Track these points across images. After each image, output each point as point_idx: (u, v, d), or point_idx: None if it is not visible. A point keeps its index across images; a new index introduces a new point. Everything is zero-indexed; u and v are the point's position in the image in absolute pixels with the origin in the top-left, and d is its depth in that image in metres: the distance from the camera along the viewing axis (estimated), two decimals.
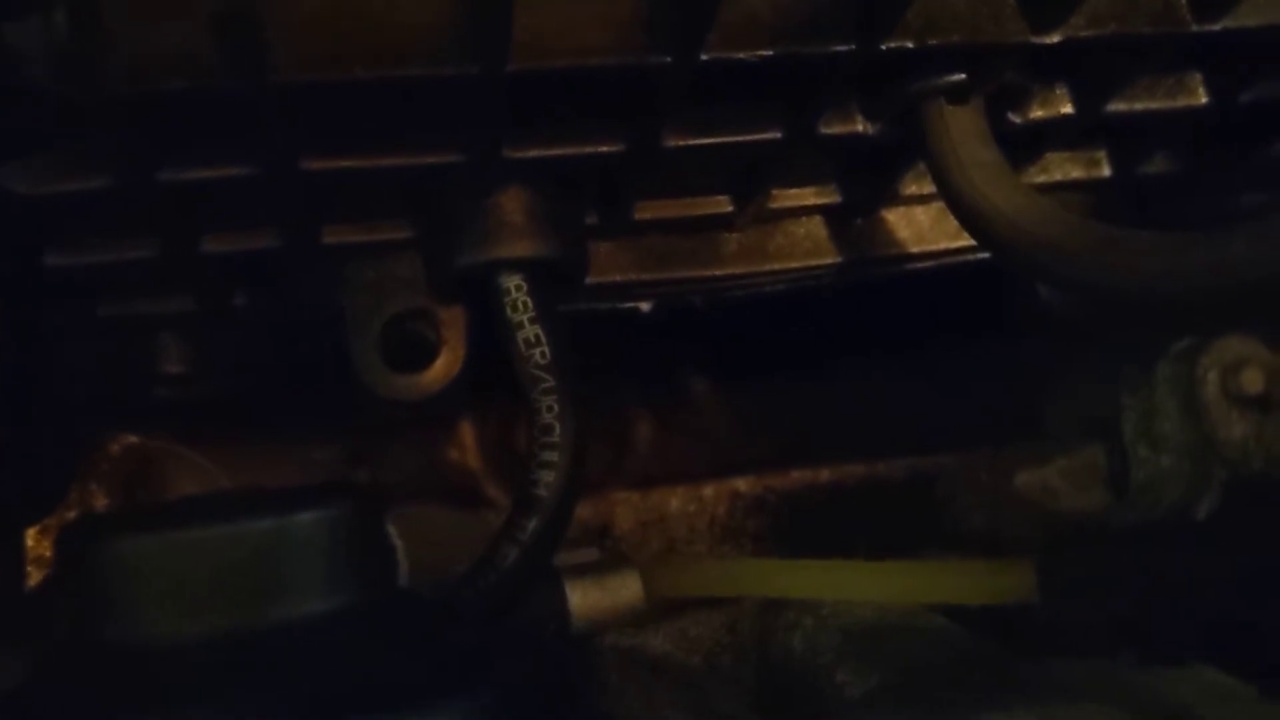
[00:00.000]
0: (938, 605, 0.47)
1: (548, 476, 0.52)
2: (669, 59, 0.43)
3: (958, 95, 0.50)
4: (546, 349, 0.52)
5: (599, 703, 0.46)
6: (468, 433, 0.82)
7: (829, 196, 0.59)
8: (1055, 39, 0.46)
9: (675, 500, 0.65)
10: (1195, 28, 0.47)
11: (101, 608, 0.38)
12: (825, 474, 0.67)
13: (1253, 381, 0.47)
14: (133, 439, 0.62)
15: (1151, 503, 0.49)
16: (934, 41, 0.45)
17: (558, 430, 0.52)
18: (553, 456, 0.52)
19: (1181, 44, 0.48)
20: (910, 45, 0.44)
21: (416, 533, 0.62)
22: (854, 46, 0.44)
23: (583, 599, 0.52)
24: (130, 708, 0.35)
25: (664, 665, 0.47)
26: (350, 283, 0.55)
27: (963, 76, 0.49)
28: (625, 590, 0.52)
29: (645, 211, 0.57)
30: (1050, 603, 0.42)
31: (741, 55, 0.43)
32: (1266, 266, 0.45)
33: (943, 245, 0.61)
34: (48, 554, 0.58)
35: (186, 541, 0.38)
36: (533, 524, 0.51)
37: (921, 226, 0.61)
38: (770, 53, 0.43)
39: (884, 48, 0.44)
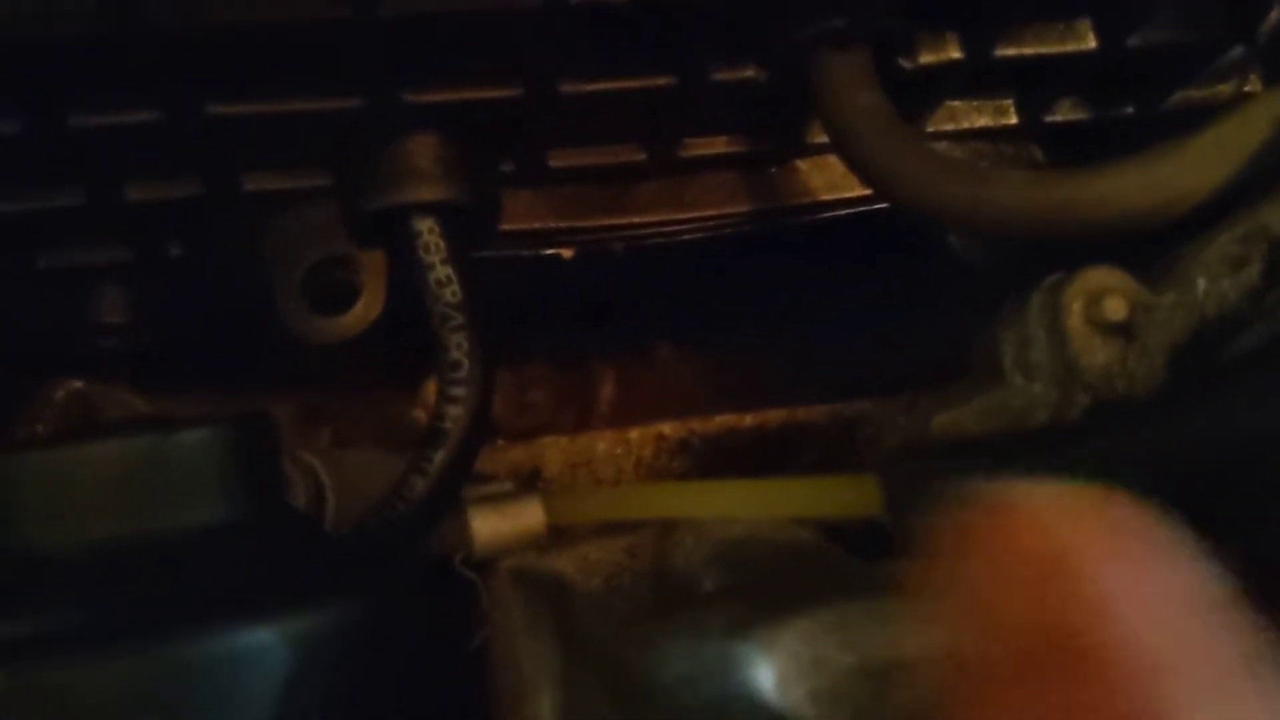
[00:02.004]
0: (808, 521, 0.49)
1: (455, 411, 0.54)
2: (538, 3, 0.45)
3: (841, 41, 0.52)
4: (457, 288, 0.54)
5: (491, 616, 0.48)
6: (430, 392, 0.84)
7: (739, 145, 0.61)
8: None
9: (602, 443, 0.67)
10: None
11: None
12: (748, 419, 0.69)
13: (1115, 310, 0.49)
14: (77, 384, 0.65)
15: (1023, 428, 0.51)
16: None
17: (466, 366, 0.54)
18: (460, 392, 0.54)
19: None
20: None
21: (353, 473, 0.65)
22: None
23: (484, 525, 0.54)
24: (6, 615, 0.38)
25: (555, 581, 0.49)
26: (273, 230, 0.58)
27: (842, 22, 0.51)
28: (526, 516, 0.55)
29: (560, 159, 0.59)
30: (894, 514, 0.45)
31: None
32: (1113, 205, 0.47)
33: (856, 193, 0.63)
34: None
35: (67, 457, 0.40)
36: (439, 456, 0.54)
37: (834, 174, 0.63)
38: None
39: None
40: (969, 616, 0.23)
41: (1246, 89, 0.64)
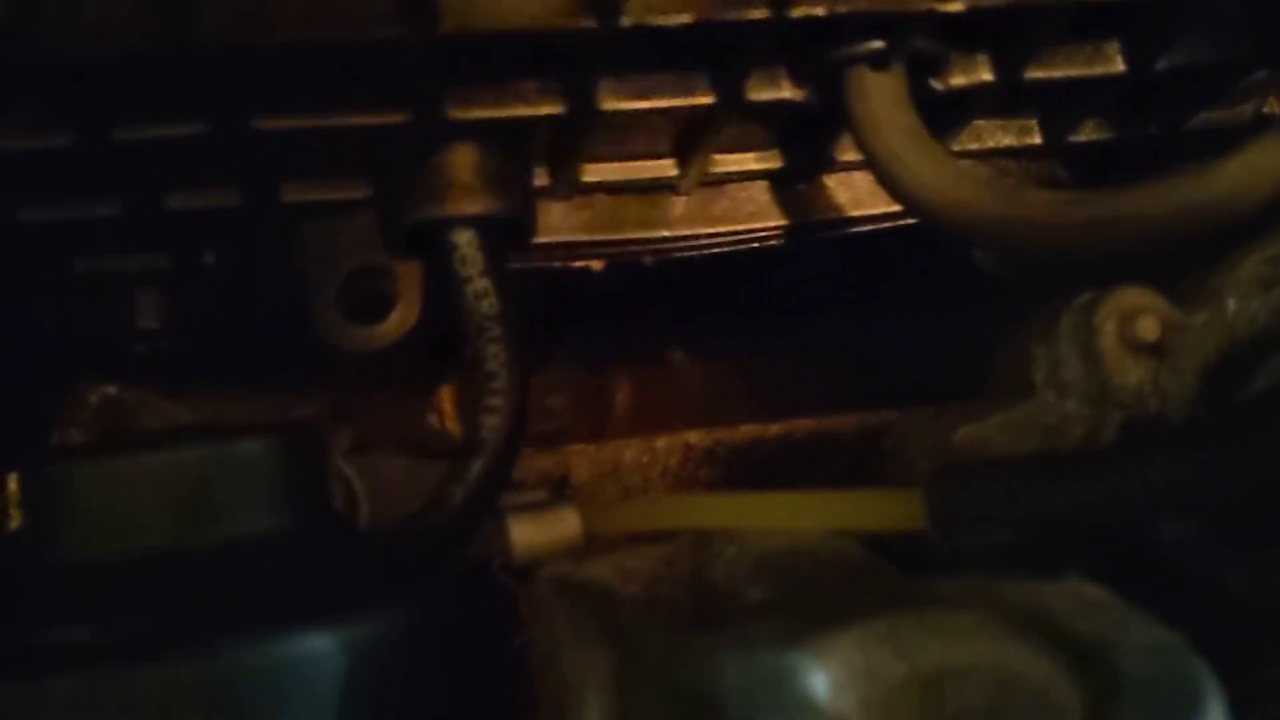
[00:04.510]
0: (849, 533, 0.50)
1: (491, 420, 0.54)
2: (593, 24, 0.46)
3: (878, 62, 0.53)
4: (494, 300, 0.55)
5: (532, 626, 0.49)
6: (448, 396, 0.85)
7: (769, 162, 0.61)
8: (958, 6, 0.48)
9: (629, 452, 0.68)
10: None
11: (48, 529, 0.41)
12: (774, 428, 0.69)
13: (1148, 329, 0.50)
14: (111, 390, 0.65)
15: (1057, 445, 0.52)
16: (842, 9, 0.47)
17: (502, 376, 0.55)
18: (497, 401, 0.55)
19: (1082, 9, 0.50)
20: (820, 12, 0.47)
21: (383, 479, 0.66)
22: (768, 13, 0.47)
23: (523, 533, 0.55)
24: (65, 619, 0.38)
25: (597, 590, 0.50)
26: (310, 239, 0.58)
27: (880, 44, 0.52)
28: (563, 525, 0.56)
29: (594, 174, 0.60)
30: (938, 530, 0.45)
31: (661, 21, 0.46)
32: (1145, 226, 0.48)
33: (880, 210, 0.64)
34: None
35: (125, 466, 0.41)
36: (477, 465, 0.54)
37: (860, 191, 0.64)
38: (689, 19, 0.46)
39: (795, 15, 0.47)
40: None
41: (1265, 110, 0.65)
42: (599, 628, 0.45)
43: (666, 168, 0.60)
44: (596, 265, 0.64)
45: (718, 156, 0.61)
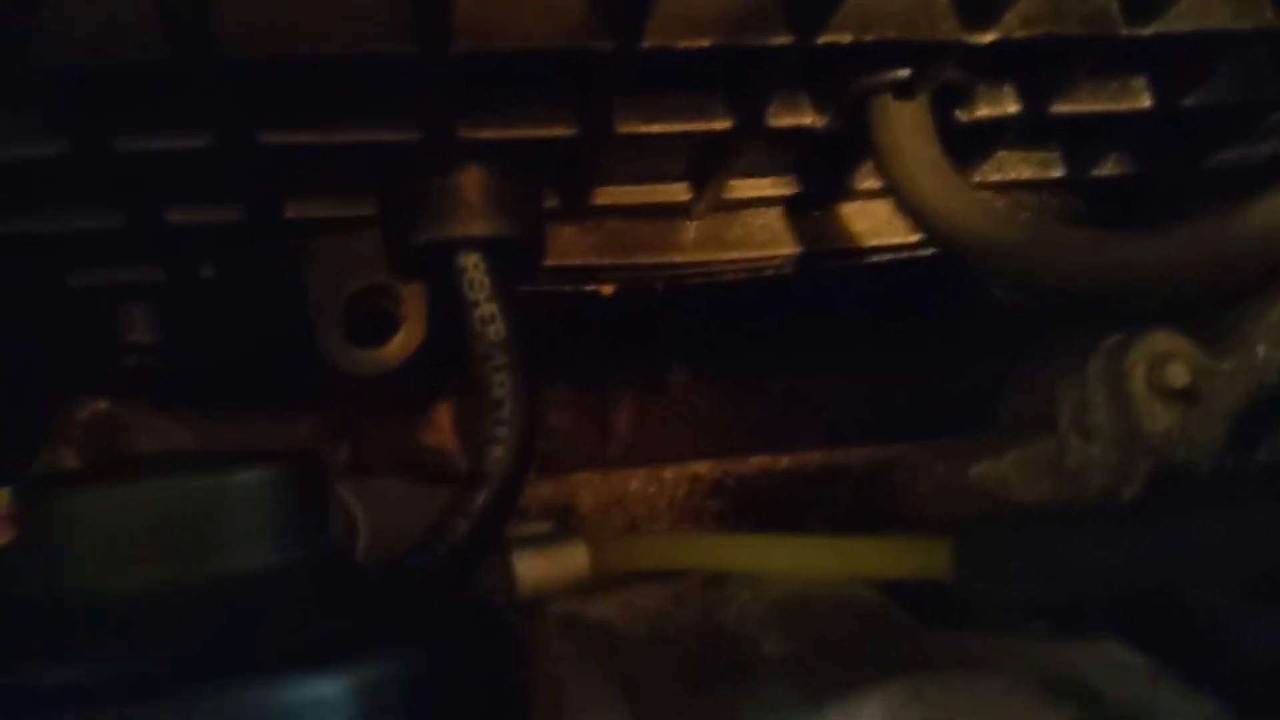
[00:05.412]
0: (866, 580, 0.48)
1: (497, 451, 0.53)
2: (611, 46, 0.45)
3: (903, 92, 0.52)
4: (501, 326, 0.53)
5: (537, 667, 0.47)
6: (445, 413, 0.83)
7: (785, 188, 0.60)
8: (989, 38, 0.47)
9: (636, 481, 0.67)
10: (1126, 31, 0.48)
11: (40, 560, 0.39)
12: (784, 460, 0.68)
13: (1178, 375, 0.49)
14: (102, 405, 0.64)
15: (1080, 490, 0.50)
16: (869, 38, 0.46)
17: (508, 406, 0.53)
18: (502, 432, 0.53)
19: (1114, 46, 0.49)
20: (846, 40, 0.46)
21: (382, 504, 0.64)
22: (792, 40, 0.45)
23: (529, 568, 0.53)
24: (55, 658, 0.37)
25: (604, 633, 0.48)
26: (314, 258, 0.57)
27: (907, 73, 0.50)
28: (571, 561, 0.54)
29: (605, 197, 0.59)
30: (964, 581, 0.44)
31: (682, 44, 0.45)
32: (1175, 269, 0.47)
33: (898, 239, 0.63)
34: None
35: (123, 497, 0.39)
36: (481, 497, 0.52)
37: (878, 220, 0.63)
38: (709, 43, 0.45)
39: (820, 42, 0.46)
40: None
41: None
42: (606, 674, 0.44)
43: (679, 192, 0.59)
44: (606, 289, 0.63)
45: (733, 181, 0.59)
